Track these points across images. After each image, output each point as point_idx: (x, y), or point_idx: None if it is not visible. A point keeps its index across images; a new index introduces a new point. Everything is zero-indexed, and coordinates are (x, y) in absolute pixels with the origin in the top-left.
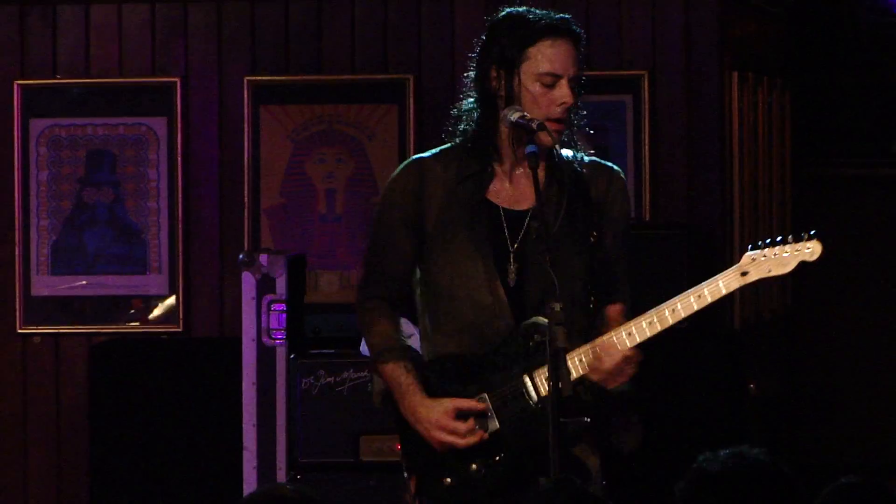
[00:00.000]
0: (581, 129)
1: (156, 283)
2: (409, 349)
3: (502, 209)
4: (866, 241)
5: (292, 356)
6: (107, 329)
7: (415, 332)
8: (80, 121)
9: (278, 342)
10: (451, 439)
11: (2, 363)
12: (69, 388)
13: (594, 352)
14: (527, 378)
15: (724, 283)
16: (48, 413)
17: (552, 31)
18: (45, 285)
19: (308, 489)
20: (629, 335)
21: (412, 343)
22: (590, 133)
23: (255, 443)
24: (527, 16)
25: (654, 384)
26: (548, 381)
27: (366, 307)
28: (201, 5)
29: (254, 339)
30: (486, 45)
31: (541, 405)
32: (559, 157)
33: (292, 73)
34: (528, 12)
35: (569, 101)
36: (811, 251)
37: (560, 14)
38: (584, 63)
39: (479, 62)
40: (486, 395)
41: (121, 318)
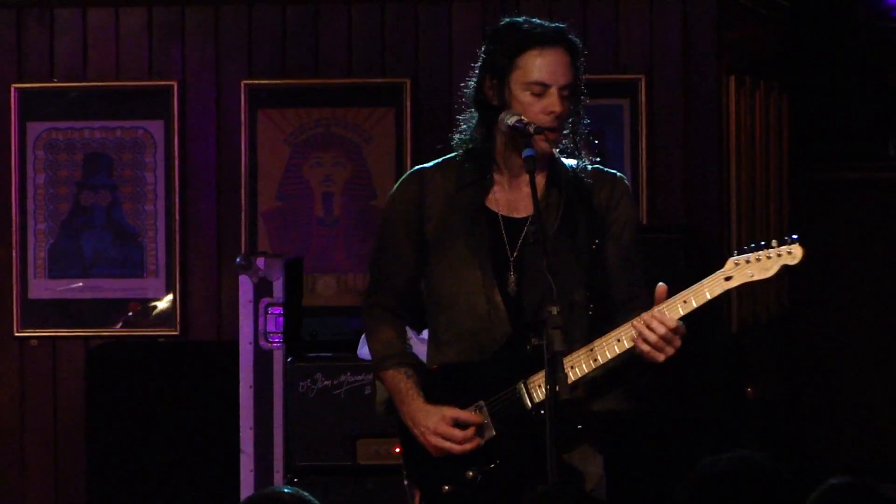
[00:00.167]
0: (583, 137)
1: (153, 287)
2: (411, 356)
3: (501, 217)
4: (864, 243)
5: (289, 359)
6: (104, 332)
7: (414, 338)
8: (78, 124)
9: (275, 345)
10: (448, 445)
11: None
12: (66, 391)
13: (645, 320)
14: (522, 385)
15: (709, 288)
16: (45, 416)
17: (541, 40)
18: (42, 288)
19: (305, 493)
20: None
21: (415, 350)
22: (591, 140)
23: (252, 446)
24: (521, 25)
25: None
26: (541, 388)
27: (370, 315)
28: (198, 9)
29: (251, 343)
30: (483, 55)
31: (535, 412)
32: (560, 164)
33: (289, 77)
34: (525, 22)
35: (557, 109)
36: (793, 255)
37: (556, 24)
38: (580, 72)
39: (477, 72)
40: (482, 403)
41: (118, 322)
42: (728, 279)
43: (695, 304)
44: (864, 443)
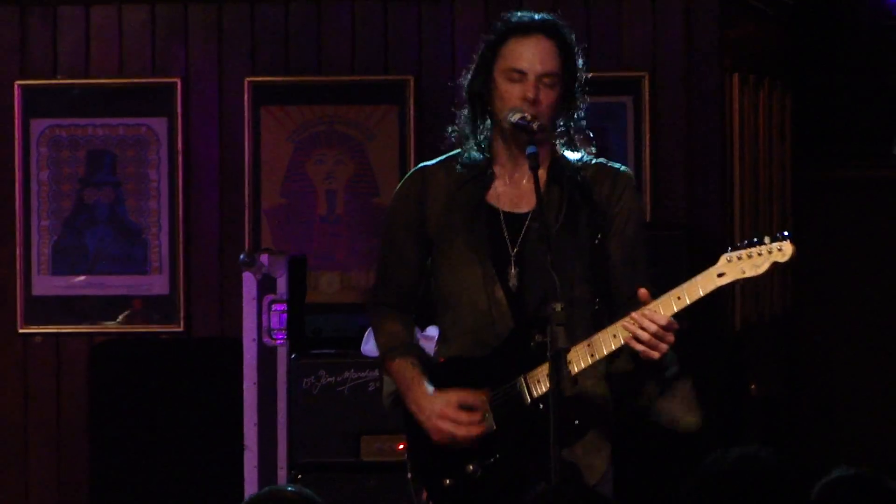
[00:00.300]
0: (579, 130)
1: (156, 284)
2: (417, 347)
3: (502, 212)
4: (866, 242)
5: (293, 356)
6: (107, 329)
7: (418, 335)
8: (81, 121)
9: (279, 342)
10: (451, 428)
11: (3, 363)
12: (70, 387)
13: (636, 319)
14: (522, 380)
15: (702, 285)
16: (49, 413)
17: (520, 29)
18: (45, 285)
19: (309, 491)
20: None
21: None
22: (589, 134)
23: (255, 443)
24: (510, 18)
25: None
26: (541, 383)
27: (375, 312)
28: (202, 6)
29: (254, 339)
30: (478, 51)
31: (534, 406)
32: (562, 159)
33: (292, 74)
34: (513, 15)
35: (530, 95)
36: (783, 252)
37: (545, 15)
38: (571, 63)
39: (471, 67)
40: (485, 398)
41: (122, 318)
42: (720, 276)
43: (688, 300)
44: (867, 440)
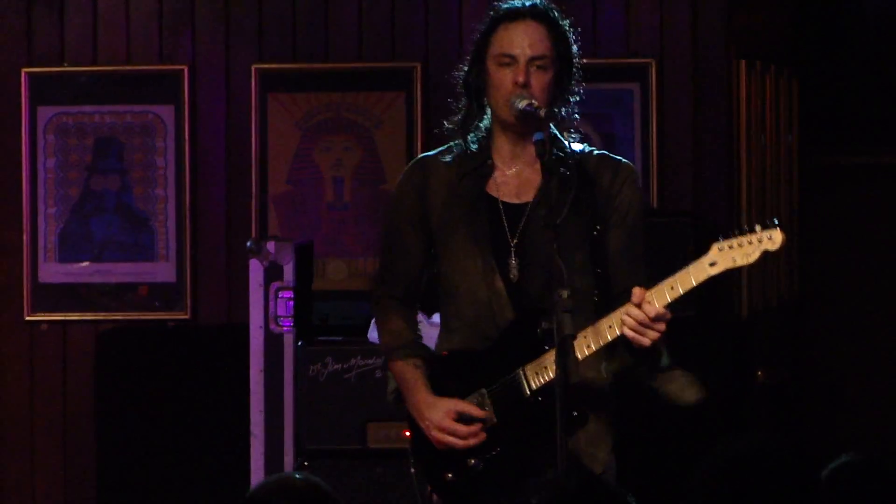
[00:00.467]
0: (568, 116)
1: (163, 271)
2: (420, 346)
3: (501, 202)
4: (874, 229)
5: (300, 343)
6: (114, 316)
7: (425, 322)
8: (88, 108)
9: (286, 329)
10: (452, 440)
11: (9, 350)
12: (76, 375)
13: (627, 308)
14: (521, 372)
15: (694, 274)
16: (55, 400)
17: (509, 15)
18: (52, 272)
19: (317, 478)
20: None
21: (424, 333)
22: (576, 119)
23: (262, 430)
24: (499, 6)
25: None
26: (539, 375)
27: (378, 305)
28: None
29: (261, 327)
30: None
31: (533, 398)
32: (564, 149)
33: (299, 61)
34: (506, 2)
35: (521, 79)
36: (773, 241)
37: (536, 0)
38: (562, 47)
39: (467, 58)
40: (484, 391)
41: (128, 306)
42: (712, 265)
43: (681, 290)
44: (874, 428)
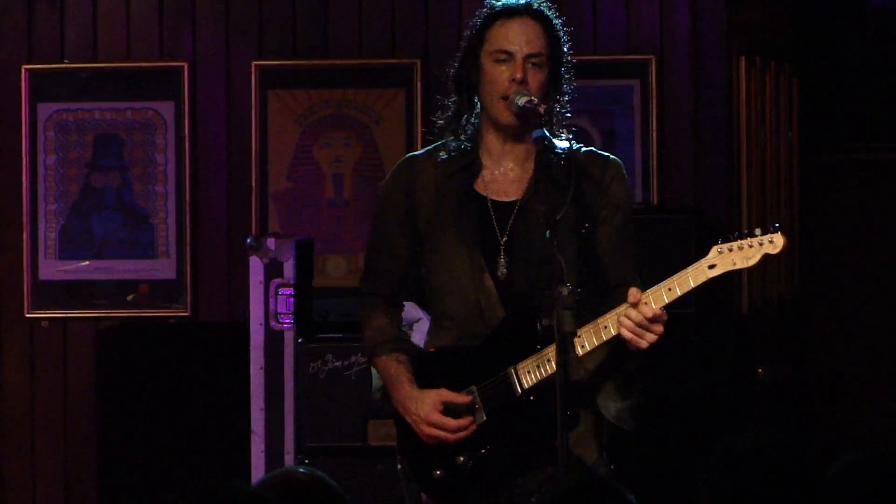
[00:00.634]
0: (559, 113)
1: (163, 268)
2: (404, 341)
3: (490, 201)
4: (874, 225)
5: (300, 340)
6: (114, 313)
7: (422, 315)
8: (88, 105)
9: (286, 326)
10: (441, 434)
11: (10, 347)
12: (77, 372)
13: (624, 310)
14: (512, 371)
15: (693, 276)
16: (56, 397)
17: (505, 12)
18: (52, 269)
19: (322, 473)
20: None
21: (418, 328)
22: (568, 116)
23: (262, 427)
24: (493, 4)
25: (662, 368)
26: (530, 374)
27: (364, 303)
28: None
29: (261, 324)
30: (464, 39)
31: (524, 397)
32: (552, 146)
33: (300, 58)
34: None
35: (518, 76)
36: (774, 244)
37: None
38: (557, 45)
39: (458, 56)
40: (474, 388)
41: (128, 303)
42: (711, 267)
43: (679, 292)
44: (874, 424)
